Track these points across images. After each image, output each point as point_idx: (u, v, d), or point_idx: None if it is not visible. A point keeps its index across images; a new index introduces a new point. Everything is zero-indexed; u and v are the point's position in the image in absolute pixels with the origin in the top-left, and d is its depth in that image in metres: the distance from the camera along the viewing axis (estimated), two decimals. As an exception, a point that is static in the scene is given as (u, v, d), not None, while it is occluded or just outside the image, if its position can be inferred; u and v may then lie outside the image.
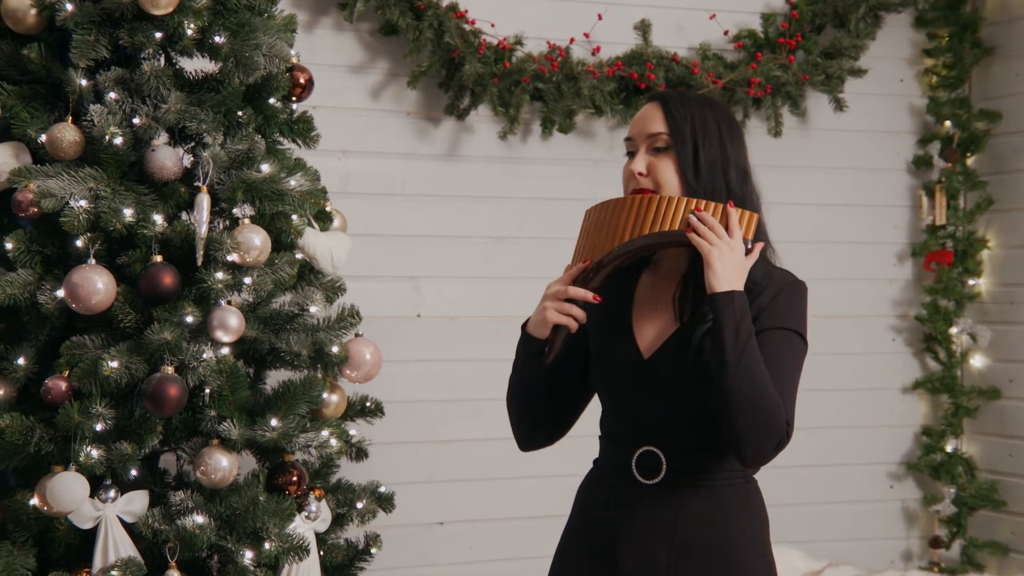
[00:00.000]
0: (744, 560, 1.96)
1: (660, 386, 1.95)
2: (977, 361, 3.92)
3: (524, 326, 2.00)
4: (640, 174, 1.96)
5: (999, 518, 3.85)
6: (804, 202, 3.86)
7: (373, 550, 2.83)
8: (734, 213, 1.92)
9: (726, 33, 3.69)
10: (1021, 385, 3.82)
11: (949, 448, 3.89)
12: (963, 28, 3.87)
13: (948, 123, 3.90)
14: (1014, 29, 3.84)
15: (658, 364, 1.96)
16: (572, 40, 3.52)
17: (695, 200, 1.92)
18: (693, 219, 1.90)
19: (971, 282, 3.92)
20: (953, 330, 3.88)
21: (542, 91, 3.46)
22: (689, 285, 1.98)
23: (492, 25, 3.42)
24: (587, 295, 1.93)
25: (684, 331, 1.96)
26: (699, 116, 1.97)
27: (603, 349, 2.03)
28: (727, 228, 1.91)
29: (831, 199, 3.87)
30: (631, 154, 2.00)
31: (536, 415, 2.04)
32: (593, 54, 3.54)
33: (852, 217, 3.90)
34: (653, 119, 1.98)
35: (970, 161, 3.92)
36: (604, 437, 2.07)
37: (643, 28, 3.57)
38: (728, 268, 1.88)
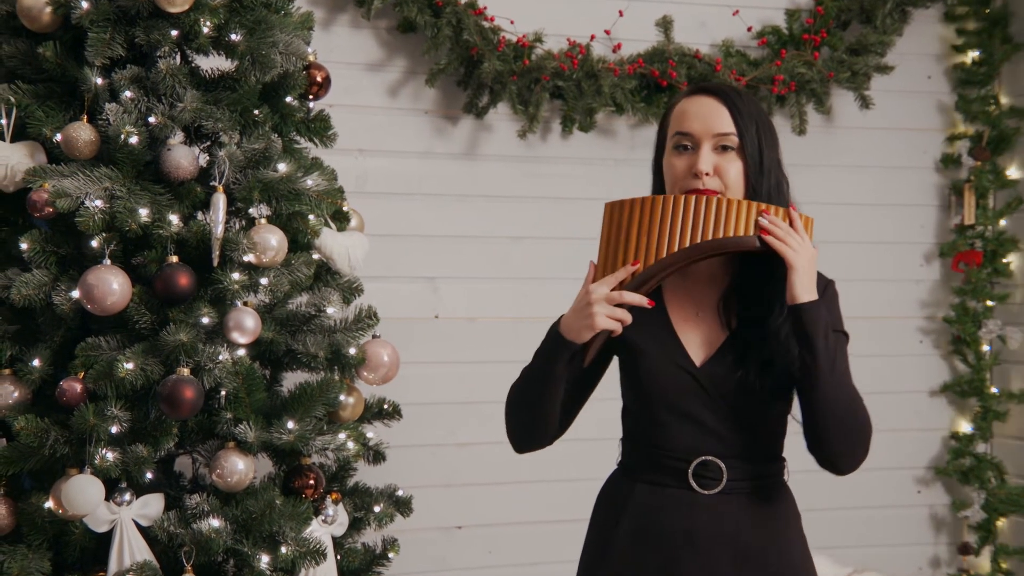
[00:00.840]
0: (803, 567, 1.99)
1: (717, 394, 1.93)
2: (1006, 364, 3.89)
3: (555, 327, 1.94)
4: (707, 174, 1.91)
5: (1030, 524, 3.83)
6: (829, 202, 3.84)
7: (391, 554, 2.83)
8: (798, 217, 1.90)
9: (749, 29, 3.68)
10: (1052, 388, 3.80)
11: (978, 452, 3.87)
12: (993, 23, 3.85)
13: (977, 120, 3.87)
14: (1045, 24, 3.82)
15: (713, 372, 1.93)
16: (592, 37, 3.51)
17: (762, 204, 1.88)
18: (766, 223, 1.85)
19: (1000, 283, 3.90)
20: (982, 332, 3.85)
21: (562, 89, 3.46)
22: (733, 290, 1.97)
23: (511, 22, 3.42)
24: (643, 300, 1.87)
25: (735, 338, 1.94)
26: (759, 115, 1.95)
27: (649, 357, 1.97)
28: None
29: (857, 198, 3.86)
30: (683, 147, 1.94)
31: (548, 418, 1.98)
32: (614, 51, 3.53)
33: (878, 217, 3.88)
34: (719, 116, 1.92)
35: (999, 159, 3.89)
36: (642, 443, 2.01)
37: (665, 25, 3.57)
38: (812, 274, 1.86)
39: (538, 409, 1.97)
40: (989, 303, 3.87)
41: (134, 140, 2.40)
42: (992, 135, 3.86)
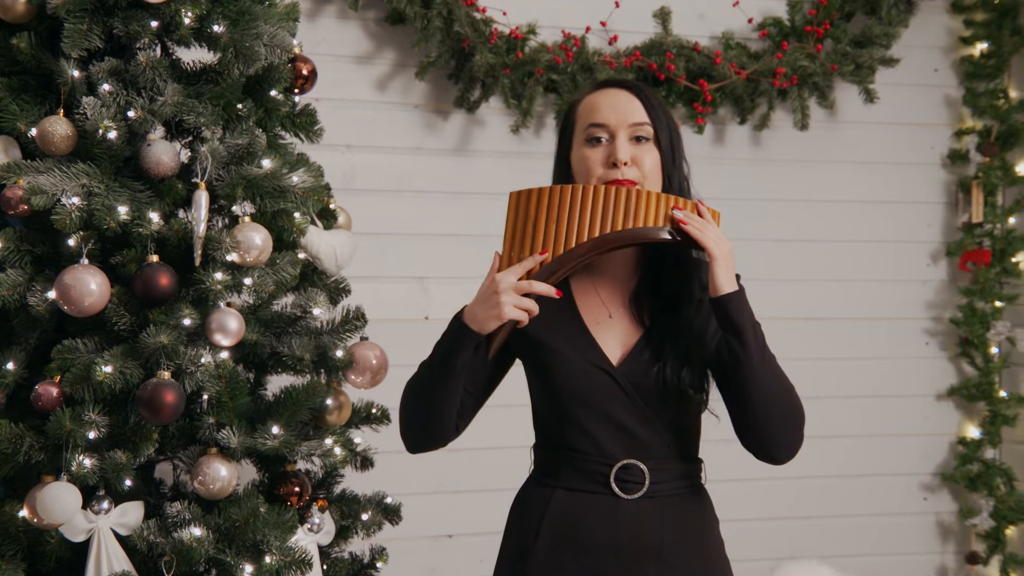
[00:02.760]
0: (720, 566, 2.03)
1: (635, 393, 1.95)
2: (1015, 366, 3.90)
3: (458, 318, 1.96)
4: (626, 163, 1.95)
5: (1039, 532, 3.83)
6: (832, 199, 3.85)
7: (379, 564, 2.83)
8: (707, 211, 1.93)
9: (750, 21, 3.68)
10: (1062, 392, 3.80)
11: (986, 458, 3.88)
12: (1002, 14, 3.85)
13: (985, 115, 3.88)
14: (1055, 16, 3.83)
15: (630, 371, 1.96)
16: (588, 29, 3.51)
17: (673, 197, 1.93)
18: (681, 216, 1.89)
19: (1010, 283, 3.90)
20: (990, 334, 3.86)
21: (556, 82, 3.46)
22: (643, 287, 2.00)
23: (504, 13, 3.41)
24: (551, 290, 1.90)
25: (650, 336, 1.97)
26: (666, 109, 2.02)
27: (565, 358, 1.98)
28: None
29: (861, 195, 3.86)
30: (596, 140, 1.98)
31: (445, 414, 1.99)
32: (610, 43, 3.53)
33: (883, 214, 3.88)
34: (633, 106, 1.98)
35: (1008, 155, 3.90)
36: (560, 448, 2.02)
37: (662, 16, 3.57)
38: (732, 265, 1.90)
39: (436, 404, 1.98)
40: (998, 304, 3.87)
41: (112, 135, 2.39)
42: (1001, 130, 3.87)
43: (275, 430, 2.45)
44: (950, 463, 3.94)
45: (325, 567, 2.71)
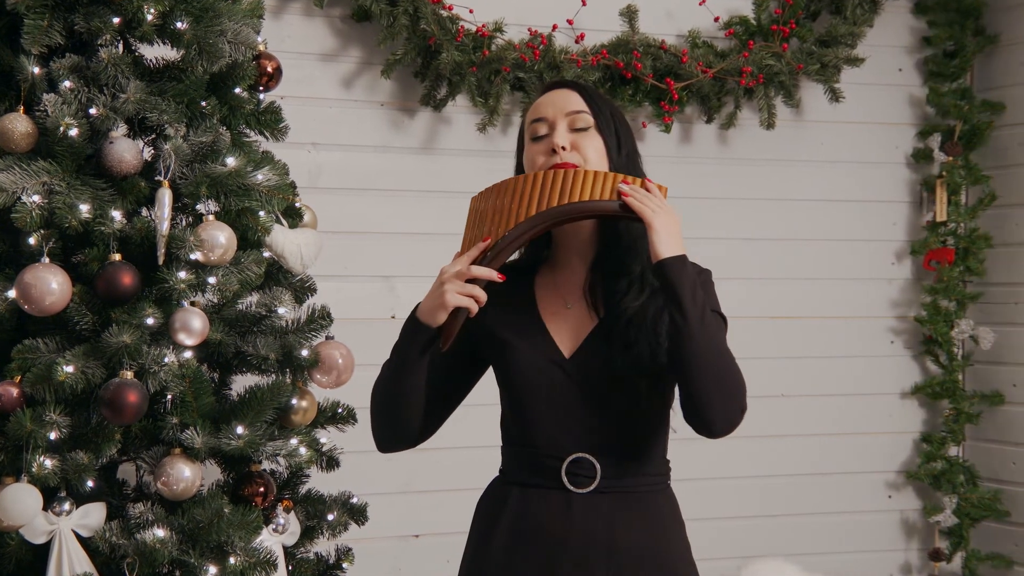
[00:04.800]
0: (681, 570, 2.01)
1: (588, 386, 1.96)
2: (979, 364, 3.95)
3: (411, 314, 1.97)
4: (564, 148, 1.97)
5: (1002, 529, 3.88)
6: (798, 198, 3.87)
7: (345, 565, 2.83)
8: (655, 187, 1.94)
9: (716, 19, 3.70)
10: (1025, 389, 3.85)
11: (950, 456, 3.92)
12: (965, 15, 3.89)
13: (949, 115, 3.92)
14: (1018, 16, 3.87)
15: (581, 362, 1.97)
16: (555, 27, 3.52)
17: (622, 175, 1.94)
18: (626, 188, 1.91)
19: (973, 281, 3.95)
20: (954, 332, 3.90)
21: (523, 81, 3.47)
22: (599, 276, 2.01)
23: (471, 11, 3.42)
24: (492, 274, 1.91)
25: (604, 325, 1.98)
26: (613, 106, 2.05)
27: (517, 351, 2.00)
28: None
29: (826, 195, 3.89)
30: (539, 137, 2.01)
31: (411, 412, 2.00)
32: (577, 42, 3.54)
33: (849, 213, 3.92)
34: (571, 98, 2.02)
35: (972, 155, 3.94)
36: (517, 444, 2.03)
37: (629, 14, 3.58)
38: (674, 233, 1.90)
39: (400, 401, 1.99)
40: (962, 302, 3.91)
41: (74, 132, 2.38)
42: (964, 129, 3.91)
43: (240, 430, 2.45)
44: (914, 461, 3.98)
45: (290, 568, 2.70)
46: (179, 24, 2.48)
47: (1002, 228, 3.91)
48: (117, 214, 2.40)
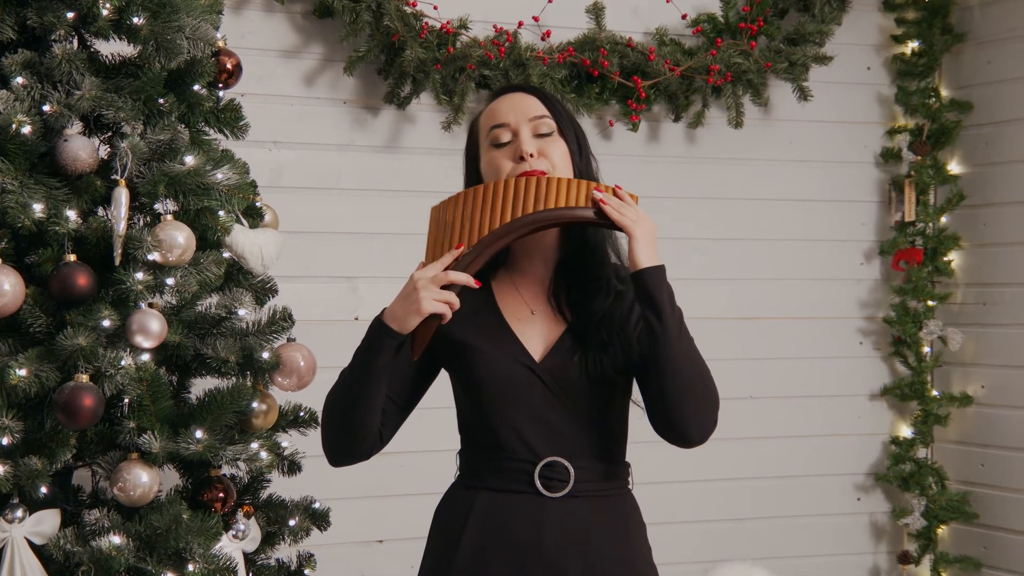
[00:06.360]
0: (645, 572, 2.05)
1: (560, 389, 1.98)
2: (948, 366, 3.98)
3: (377, 320, 1.96)
4: (532, 155, 1.97)
5: (970, 532, 3.91)
6: (766, 197, 3.90)
7: (307, 571, 2.82)
8: (627, 195, 1.96)
9: (684, 17, 3.72)
10: (994, 391, 3.88)
11: (919, 458, 3.95)
12: (933, 13, 3.92)
13: (917, 114, 3.95)
14: (986, 14, 3.90)
15: (552, 366, 1.98)
16: (520, 24, 3.53)
17: (591, 182, 1.96)
18: (600, 196, 1.92)
19: (941, 282, 3.98)
20: (923, 333, 3.93)
21: (488, 78, 3.47)
22: (562, 281, 2.03)
23: (435, 7, 3.41)
24: (469, 280, 1.92)
25: (574, 329, 2.00)
26: (568, 110, 2.07)
27: (487, 355, 2.00)
28: None
29: (795, 194, 3.92)
30: (501, 144, 2.01)
31: (368, 423, 2.00)
32: (543, 39, 3.55)
33: (817, 213, 3.94)
34: (531, 103, 2.03)
35: (940, 154, 3.98)
36: (484, 448, 2.03)
37: (596, 11, 3.59)
38: (652, 243, 1.93)
39: (358, 413, 1.99)
40: (930, 303, 3.94)
41: (27, 130, 2.36)
42: (932, 129, 3.94)
43: (199, 434, 2.43)
44: (883, 463, 4.01)
45: (251, 574, 2.69)
46: (136, 19, 2.46)
47: (971, 228, 3.95)
48: (72, 214, 2.38)
